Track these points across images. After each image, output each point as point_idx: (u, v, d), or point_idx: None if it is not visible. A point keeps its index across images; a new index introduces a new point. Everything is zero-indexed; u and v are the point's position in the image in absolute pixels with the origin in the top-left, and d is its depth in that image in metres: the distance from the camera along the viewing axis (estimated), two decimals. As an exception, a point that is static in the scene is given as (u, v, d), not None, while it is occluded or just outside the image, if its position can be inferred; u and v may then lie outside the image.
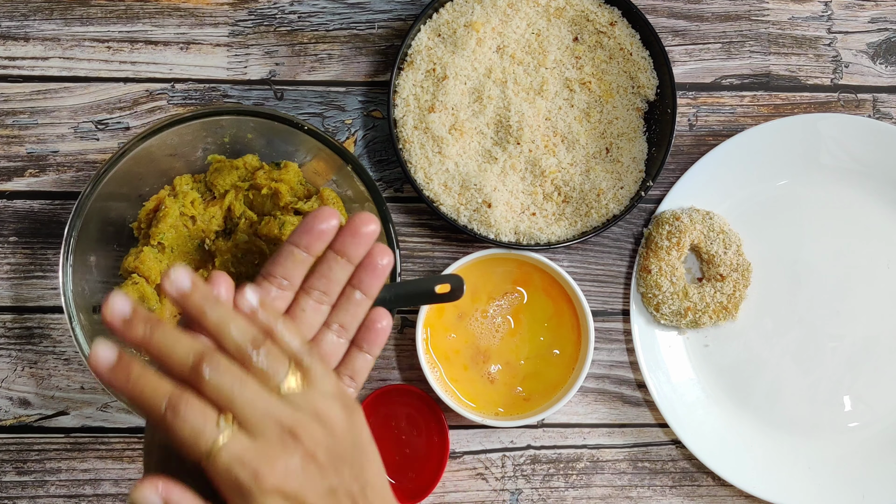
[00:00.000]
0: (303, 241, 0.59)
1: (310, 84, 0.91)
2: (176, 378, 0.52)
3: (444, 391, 0.86)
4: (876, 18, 0.94)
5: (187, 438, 0.50)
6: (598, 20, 0.89)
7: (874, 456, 0.89)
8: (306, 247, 0.59)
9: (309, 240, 0.59)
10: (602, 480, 0.90)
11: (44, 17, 0.90)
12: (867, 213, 0.91)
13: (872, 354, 0.90)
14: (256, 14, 0.91)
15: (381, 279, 0.62)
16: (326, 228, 0.59)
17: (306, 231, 0.59)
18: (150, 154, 0.81)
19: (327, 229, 0.59)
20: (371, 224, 0.60)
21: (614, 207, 0.87)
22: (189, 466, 0.52)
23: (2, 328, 0.89)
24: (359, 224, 0.60)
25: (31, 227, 0.89)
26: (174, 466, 0.54)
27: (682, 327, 0.89)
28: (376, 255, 0.61)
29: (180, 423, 0.50)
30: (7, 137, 0.90)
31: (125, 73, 0.90)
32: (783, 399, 0.90)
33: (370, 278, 0.61)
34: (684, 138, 0.92)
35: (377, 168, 0.91)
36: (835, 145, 0.90)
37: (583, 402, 0.91)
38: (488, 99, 0.88)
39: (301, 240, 0.59)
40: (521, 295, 0.88)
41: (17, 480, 0.88)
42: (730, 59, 0.93)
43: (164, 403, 0.50)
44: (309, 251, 0.59)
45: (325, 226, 0.59)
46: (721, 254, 0.88)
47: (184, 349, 0.52)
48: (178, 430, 0.50)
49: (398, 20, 0.92)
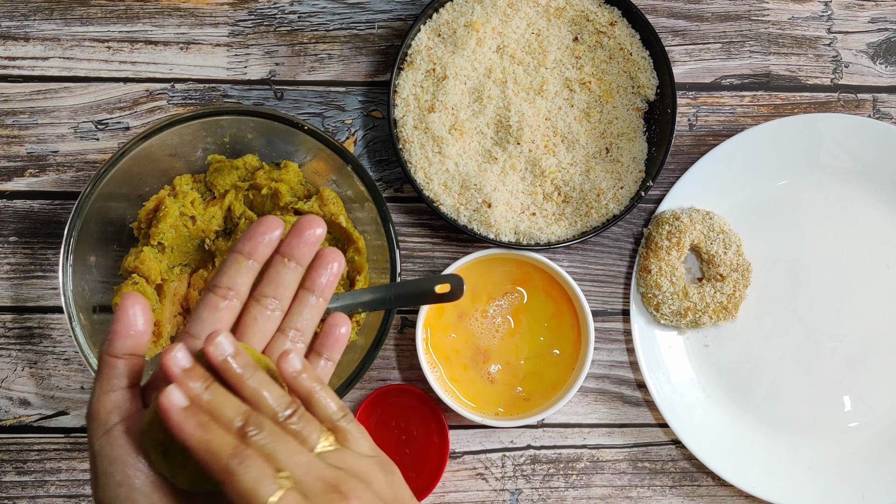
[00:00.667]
0: (247, 248, 0.59)
1: (310, 84, 0.91)
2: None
3: (444, 391, 0.86)
4: (876, 18, 0.94)
5: (246, 489, 0.51)
6: (598, 20, 0.89)
7: (874, 456, 0.89)
8: (250, 253, 0.59)
9: (252, 246, 0.59)
10: (602, 480, 0.90)
11: (44, 17, 0.90)
12: (867, 213, 0.91)
13: (872, 354, 0.90)
14: (256, 14, 0.91)
15: (334, 280, 0.61)
16: (270, 235, 0.59)
17: (249, 238, 0.59)
18: (150, 154, 0.81)
19: (271, 237, 0.59)
20: (318, 227, 0.60)
21: (614, 207, 0.87)
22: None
23: (2, 328, 0.89)
24: (305, 226, 0.59)
25: (31, 227, 0.89)
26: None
27: (682, 327, 0.89)
28: (327, 256, 0.61)
29: (242, 474, 0.51)
30: (7, 137, 0.90)
31: (125, 73, 0.90)
32: (783, 399, 0.90)
33: (322, 280, 0.61)
34: (684, 138, 0.92)
35: (377, 168, 0.91)
36: (835, 145, 0.90)
37: (583, 402, 0.91)
38: (488, 99, 0.88)
39: (245, 247, 0.59)
40: (521, 295, 0.88)
41: (17, 480, 0.88)
42: (730, 59, 0.93)
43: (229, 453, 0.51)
44: (254, 258, 0.59)
45: (269, 233, 0.59)
46: (721, 254, 0.88)
47: (232, 410, 0.53)
48: (238, 481, 0.51)
49: (398, 20, 0.92)
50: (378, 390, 0.87)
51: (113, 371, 0.55)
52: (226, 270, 0.59)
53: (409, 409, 0.88)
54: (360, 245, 0.85)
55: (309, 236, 0.59)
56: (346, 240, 0.86)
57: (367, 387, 0.89)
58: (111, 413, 0.54)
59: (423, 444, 0.87)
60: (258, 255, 0.59)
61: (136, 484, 0.54)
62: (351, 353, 0.84)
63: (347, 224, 0.85)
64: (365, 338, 0.83)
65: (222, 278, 0.59)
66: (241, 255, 0.59)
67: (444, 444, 0.87)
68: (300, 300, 0.61)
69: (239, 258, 0.59)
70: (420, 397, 0.88)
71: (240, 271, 0.59)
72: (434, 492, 0.89)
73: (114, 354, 0.55)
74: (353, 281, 0.85)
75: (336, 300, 0.81)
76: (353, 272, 0.85)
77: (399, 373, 0.90)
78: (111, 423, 0.54)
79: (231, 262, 0.59)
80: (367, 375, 0.89)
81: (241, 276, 0.59)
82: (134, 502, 0.54)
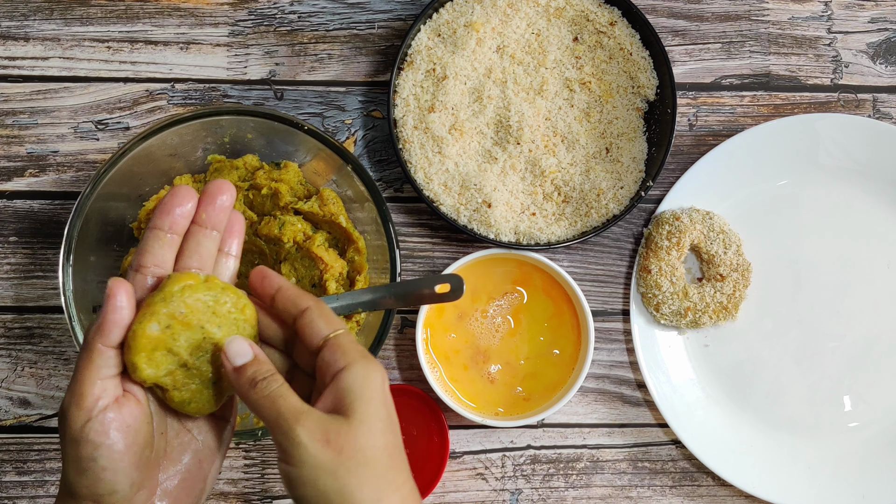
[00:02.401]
0: (166, 223, 0.59)
1: (310, 84, 0.91)
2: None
3: (444, 391, 0.86)
4: (876, 18, 0.94)
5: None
6: (598, 20, 0.89)
7: (874, 456, 0.89)
8: (170, 228, 0.59)
9: (172, 221, 0.59)
10: (602, 480, 0.90)
11: (44, 17, 0.90)
12: (867, 213, 0.91)
13: (872, 354, 0.90)
14: (256, 14, 0.91)
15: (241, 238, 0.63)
16: (185, 207, 0.60)
17: (167, 213, 0.59)
18: (150, 154, 0.81)
19: (186, 208, 0.60)
20: (227, 192, 0.61)
21: (614, 207, 0.87)
22: None
23: (2, 328, 0.89)
24: (216, 192, 0.61)
25: (31, 227, 0.89)
26: None
27: (682, 327, 0.89)
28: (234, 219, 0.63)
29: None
30: (7, 137, 0.90)
31: (125, 73, 0.90)
32: (783, 399, 0.90)
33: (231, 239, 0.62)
34: (684, 138, 0.92)
35: (377, 168, 0.91)
36: (834, 145, 0.90)
37: (583, 402, 0.91)
38: (488, 99, 0.88)
39: (164, 222, 0.59)
40: (521, 295, 0.88)
41: (17, 480, 0.88)
42: (730, 59, 0.93)
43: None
44: (173, 231, 0.60)
45: (184, 205, 0.60)
46: (721, 254, 0.88)
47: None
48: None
49: (398, 20, 0.92)
50: (378, 390, 0.87)
51: (104, 360, 0.56)
52: (148, 248, 0.59)
53: (410, 409, 0.88)
54: (360, 245, 0.85)
55: (222, 202, 0.61)
56: (346, 240, 0.86)
57: (367, 387, 0.89)
58: (98, 400, 0.55)
59: (423, 444, 0.87)
60: (177, 227, 0.60)
61: (121, 467, 0.55)
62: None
63: (347, 224, 0.85)
64: (365, 338, 0.83)
65: (146, 257, 0.59)
66: (161, 230, 0.59)
67: (444, 444, 0.87)
68: (219, 263, 0.63)
69: (159, 234, 0.59)
70: (420, 397, 0.88)
71: (161, 246, 0.59)
72: (434, 492, 0.89)
73: (108, 345, 0.56)
74: (353, 281, 0.85)
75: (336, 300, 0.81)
76: (353, 272, 0.85)
77: (399, 373, 0.90)
78: (98, 409, 0.55)
79: (152, 238, 0.59)
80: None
81: (164, 250, 0.60)
82: (116, 484, 0.55)
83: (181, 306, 0.56)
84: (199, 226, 0.60)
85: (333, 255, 0.84)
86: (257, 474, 0.89)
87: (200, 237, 0.60)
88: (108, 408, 0.55)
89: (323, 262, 0.83)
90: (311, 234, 0.85)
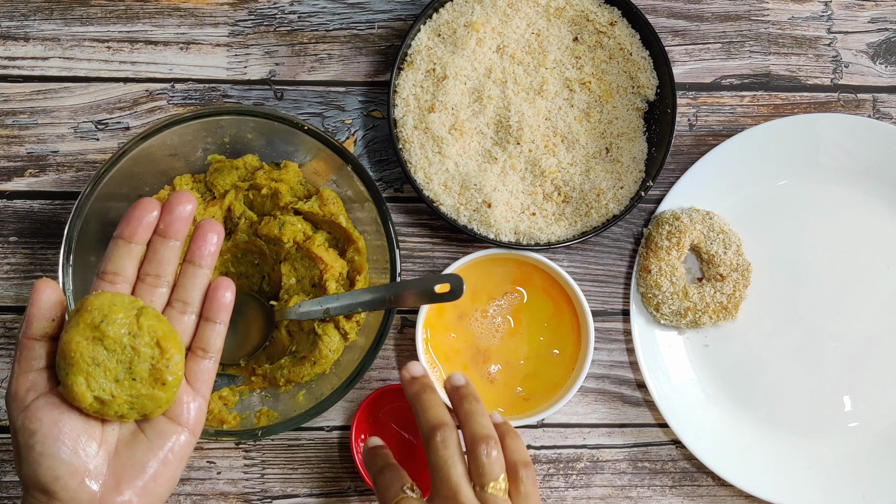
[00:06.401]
0: (126, 232, 0.61)
1: (310, 84, 0.91)
2: (421, 432, 0.68)
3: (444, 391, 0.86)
4: (876, 18, 0.94)
5: (380, 494, 0.67)
6: (598, 20, 0.89)
7: (874, 456, 0.89)
8: (130, 237, 0.61)
9: (132, 230, 0.61)
10: (602, 480, 0.90)
11: (44, 17, 0.90)
12: (867, 213, 0.91)
13: (872, 354, 0.90)
14: (256, 14, 0.91)
15: (214, 250, 0.64)
16: (147, 218, 0.61)
17: (128, 223, 0.61)
18: (150, 154, 0.81)
19: (148, 218, 0.61)
20: (187, 203, 0.62)
21: (614, 207, 0.87)
22: None
23: (2, 328, 0.89)
24: (174, 204, 0.62)
25: (31, 227, 0.89)
26: None
27: (682, 327, 0.89)
28: (205, 228, 0.64)
29: (379, 483, 0.68)
30: (7, 137, 0.90)
31: (125, 73, 0.90)
32: (783, 399, 0.90)
33: (201, 251, 0.64)
34: (684, 138, 0.92)
35: (377, 168, 0.91)
36: (834, 145, 0.90)
37: (583, 402, 0.91)
38: (488, 99, 0.88)
39: (125, 231, 0.61)
40: (521, 295, 0.88)
41: (17, 480, 0.88)
42: (730, 59, 0.93)
43: (436, 430, 0.66)
44: (135, 240, 0.61)
45: (146, 215, 0.61)
46: (721, 254, 0.88)
47: (435, 413, 0.67)
48: (377, 488, 0.67)
49: (398, 20, 0.92)
50: (378, 390, 0.87)
51: (31, 353, 0.59)
52: (110, 257, 0.62)
53: (410, 409, 0.88)
54: (360, 245, 0.85)
55: (180, 212, 0.62)
56: (346, 240, 0.86)
57: (367, 387, 0.89)
58: (29, 391, 0.58)
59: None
60: (138, 237, 0.62)
61: (56, 452, 0.57)
62: (351, 353, 0.84)
63: (347, 224, 0.85)
64: (365, 338, 0.83)
65: (108, 264, 0.62)
66: (122, 239, 0.61)
67: (444, 444, 0.87)
68: (184, 273, 0.64)
69: (120, 243, 0.61)
70: (420, 397, 0.88)
71: (122, 255, 0.61)
72: (434, 492, 0.89)
73: (31, 336, 0.59)
74: (353, 281, 0.85)
75: (336, 300, 0.81)
76: (353, 272, 0.85)
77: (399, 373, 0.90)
78: (29, 399, 0.58)
79: (113, 247, 0.62)
80: (367, 375, 0.89)
81: (125, 259, 0.61)
82: (55, 469, 0.57)
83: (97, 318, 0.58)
84: (158, 235, 0.62)
85: (333, 255, 0.84)
86: (257, 474, 0.89)
87: (157, 245, 0.62)
88: (40, 396, 0.58)
89: (323, 262, 0.83)
90: (311, 234, 0.85)
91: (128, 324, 0.58)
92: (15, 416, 0.58)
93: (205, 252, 0.64)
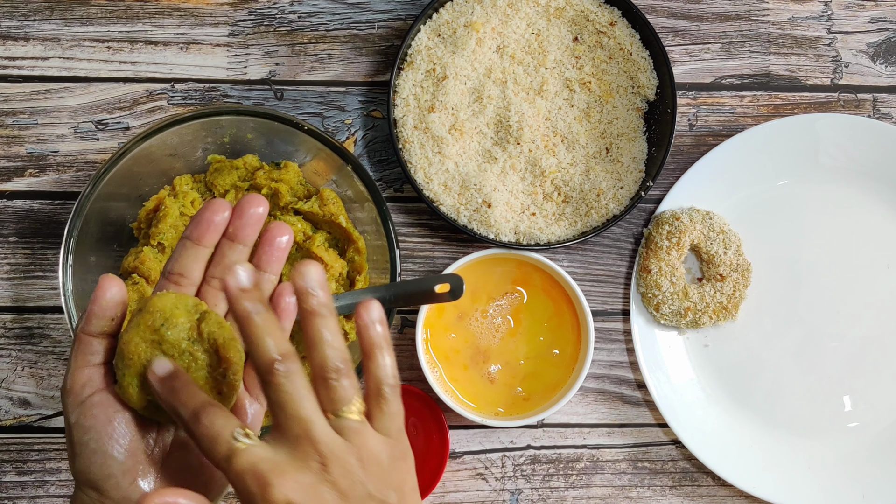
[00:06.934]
0: (195, 234, 0.60)
1: (310, 84, 0.91)
2: (254, 366, 0.54)
3: (444, 391, 0.86)
4: (876, 18, 0.94)
5: (207, 443, 0.53)
6: (598, 20, 0.89)
7: (874, 456, 0.89)
8: (198, 239, 0.60)
9: (199, 232, 0.60)
10: (602, 480, 0.90)
11: (44, 17, 0.90)
12: (867, 213, 0.91)
13: (872, 354, 0.90)
14: (256, 14, 0.91)
15: (282, 255, 0.62)
16: (216, 220, 0.60)
17: (196, 224, 0.60)
18: (150, 154, 0.81)
19: (217, 221, 0.60)
20: (259, 206, 0.60)
21: (614, 207, 0.87)
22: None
23: (2, 328, 0.89)
24: (245, 206, 0.60)
25: (31, 227, 0.89)
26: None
27: (682, 327, 0.89)
28: (274, 231, 0.61)
29: (202, 430, 0.53)
30: (7, 137, 0.90)
31: (125, 73, 0.90)
32: (783, 399, 0.90)
33: (269, 256, 0.61)
34: (684, 138, 0.92)
35: (377, 168, 0.91)
36: (834, 145, 0.90)
37: (583, 402, 0.91)
38: (488, 99, 0.88)
39: (193, 233, 0.60)
40: (521, 295, 0.88)
41: (17, 480, 0.88)
42: (730, 59, 0.93)
43: (190, 410, 0.53)
44: (202, 243, 0.60)
45: (215, 217, 0.60)
46: (721, 254, 0.88)
47: (273, 342, 0.53)
48: (200, 437, 0.53)
49: (398, 20, 0.92)
50: (378, 390, 0.87)
51: (88, 348, 0.57)
52: (177, 257, 0.60)
53: (409, 409, 0.87)
54: (360, 245, 0.85)
55: (251, 216, 0.60)
56: (346, 240, 0.86)
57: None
58: (85, 386, 0.57)
59: (423, 444, 0.87)
60: (206, 240, 0.60)
61: (109, 451, 0.56)
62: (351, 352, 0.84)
63: (347, 224, 0.85)
64: (365, 338, 0.83)
65: (174, 265, 0.60)
66: (190, 240, 0.60)
67: (444, 444, 0.87)
68: None
69: (188, 244, 0.60)
70: (420, 397, 0.88)
71: (189, 257, 0.60)
72: (434, 492, 0.89)
73: (90, 333, 0.57)
74: (353, 281, 0.85)
75: (336, 300, 0.81)
76: (353, 272, 0.85)
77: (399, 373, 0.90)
78: (85, 395, 0.57)
79: (181, 248, 0.60)
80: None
81: (192, 261, 0.60)
82: (108, 468, 0.56)
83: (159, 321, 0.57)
84: (226, 238, 0.61)
85: (333, 255, 0.84)
86: (257, 474, 0.88)
87: (224, 248, 0.61)
88: (95, 393, 0.57)
89: (323, 262, 0.83)
90: (311, 234, 0.85)
91: (188, 329, 0.57)
92: (70, 411, 0.57)
93: (272, 257, 0.62)
